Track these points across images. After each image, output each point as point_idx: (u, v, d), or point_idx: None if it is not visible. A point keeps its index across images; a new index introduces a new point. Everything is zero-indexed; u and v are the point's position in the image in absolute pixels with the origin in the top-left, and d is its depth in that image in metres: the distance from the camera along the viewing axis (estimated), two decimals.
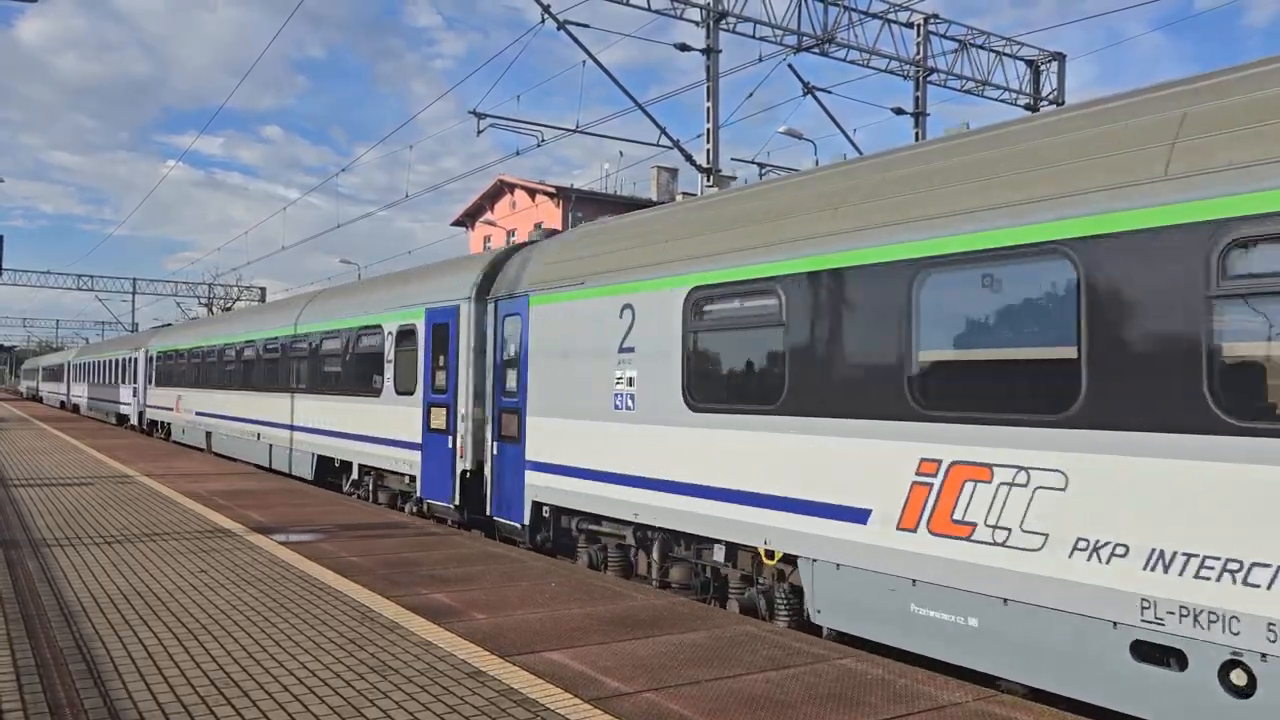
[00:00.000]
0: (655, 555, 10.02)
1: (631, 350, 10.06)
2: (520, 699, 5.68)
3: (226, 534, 11.68)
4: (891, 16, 24.39)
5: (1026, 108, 26.94)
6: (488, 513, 12.81)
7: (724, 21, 21.14)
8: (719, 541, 9.07)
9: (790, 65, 21.80)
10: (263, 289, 68.81)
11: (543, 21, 18.93)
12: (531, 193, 54.46)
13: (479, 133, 20.95)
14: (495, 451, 12.61)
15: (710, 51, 20.64)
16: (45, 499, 14.66)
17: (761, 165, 25.62)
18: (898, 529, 7.06)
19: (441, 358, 13.77)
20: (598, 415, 10.51)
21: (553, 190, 53.01)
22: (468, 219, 60.74)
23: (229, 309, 59.30)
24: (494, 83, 54.30)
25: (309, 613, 7.77)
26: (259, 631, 7.15)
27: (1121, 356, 5.84)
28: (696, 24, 21.09)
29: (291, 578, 9.14)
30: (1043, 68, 27.20)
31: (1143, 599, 5.62)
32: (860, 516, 7.37)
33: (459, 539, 11.79)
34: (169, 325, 40.56)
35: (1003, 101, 27.06)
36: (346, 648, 6.75)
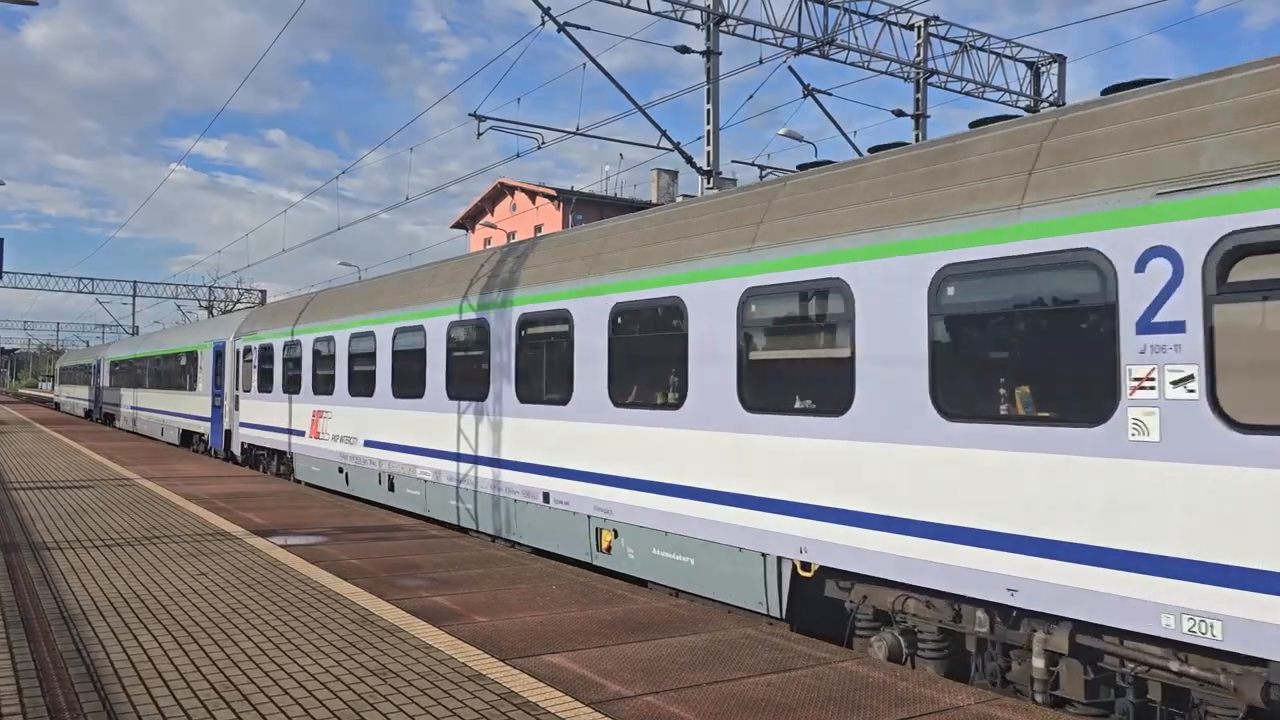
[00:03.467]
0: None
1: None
2: (520, 702, 5.67)
3: (226, 537, 11.66)
4: (892, 19, 24.38)
5: (1027, 109, 26.94)
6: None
7: (724, 24, 21.13)
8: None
9: (790, 67, 21.78)
10: (263, 291, 68.84)
11: (543, 24, 18.91)
12: (532, 195, 54.48)
13: (479, 135, 20.93)
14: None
15: (710, 54, 20.63)
16: (45, 502, 14.64)
17: (762, 168, 25.60)
18: None
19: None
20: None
21: (553, 193, 53.02)
22: (468, 221, 60.73)
23: (228, 311, 58.85)
24: (494, 86, 54.31)
25: (309, 616, 7.76)
26: (259, 635, 7.14)
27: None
28: (697, 26, 21.09)
29: (291, 581, 9.13)
30: (1043, 70, 27.20)
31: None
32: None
33: (459, 541, 11.78)
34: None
35: (1003, 103, 27.06)
36: (346, 651, 6.74)
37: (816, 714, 5.58)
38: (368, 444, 16.45)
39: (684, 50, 21.08)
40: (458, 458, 13.44)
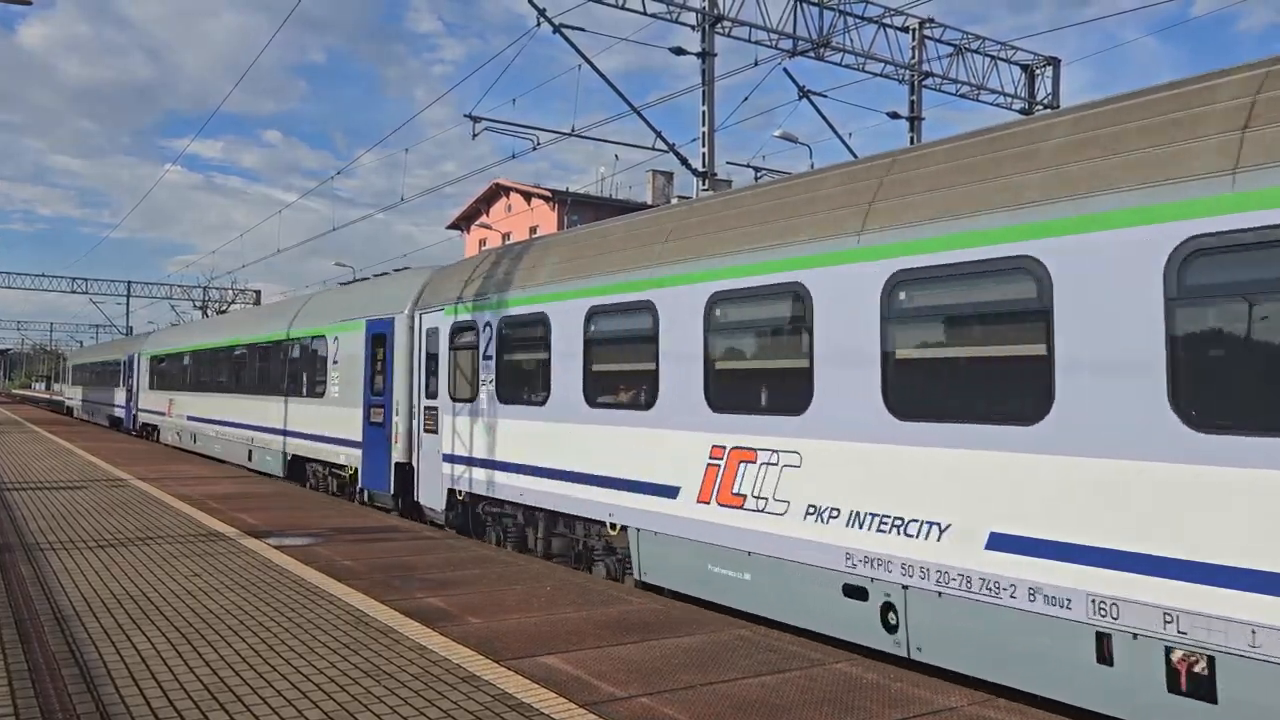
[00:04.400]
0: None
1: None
2: (514, 703, 5.67)
3: (220, 538, 11.65)
4: (887, 21, 24.43)
5: (1021, 112, 27.00)
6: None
7: (719, 25, 21.16)
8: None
9: (785, 69, 21.82)
10: (257, 292, 68.77)
11: (538, 25, 18.92)
12: (527, 196, 54.49)
13: (474, 136, 20.94)
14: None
15: (705, 55, 20.65)
16: (38, 503, 14.62)
17: (757, 169, 25.63)
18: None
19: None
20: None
21: (548, 194, 53.03)
22: (463, 222, 60.73)
23: (223, 312, 58.52)
24: (489, 86, 54.20)
25: (303, 617, 7.75)
26: (252, 636, 7.13)
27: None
28: (692, 28, 21.11)
29: (285, 582, 9.12)
30: (1038, 72, 27.27)
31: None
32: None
33: (454, 543, 11.77)
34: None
35: (998, 106, 27.13)
36: (340, 652, 6.73)
37: (810, 715, 5.59)
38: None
39: (679, 52, 21.10)
40: None
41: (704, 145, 20.39)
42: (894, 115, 25.05)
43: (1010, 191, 6.70)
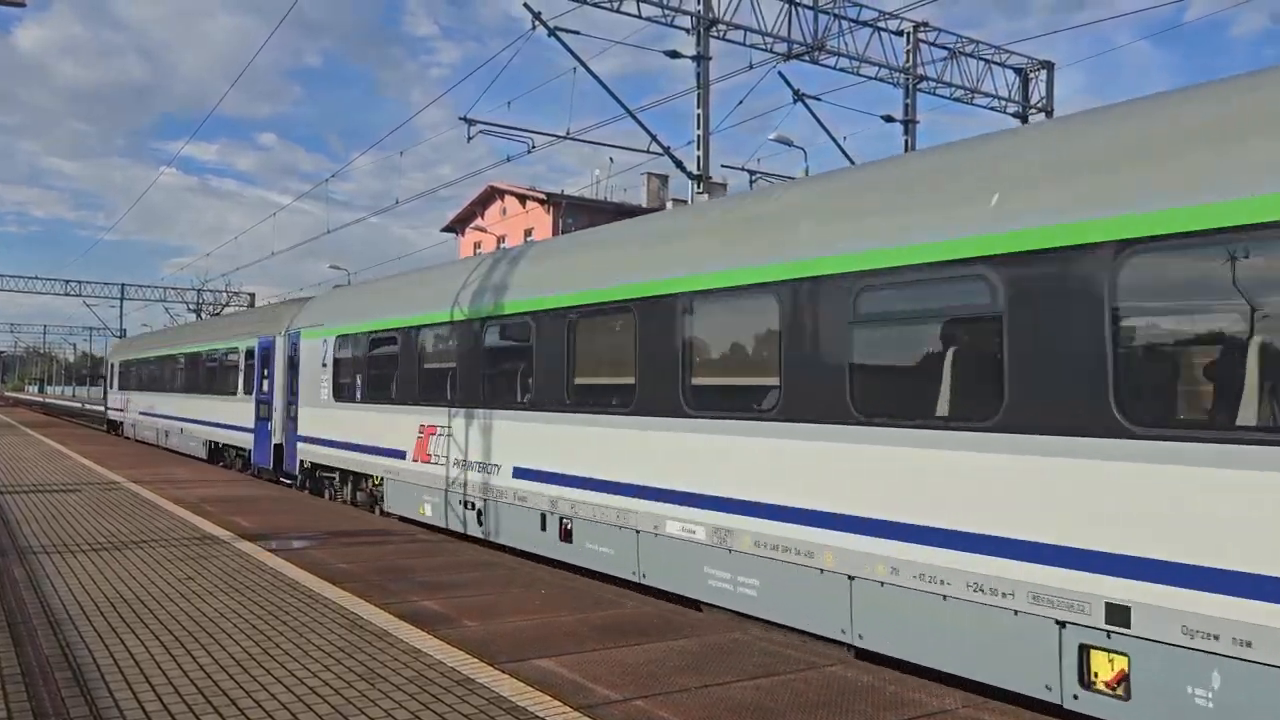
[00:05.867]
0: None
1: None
2: (509, 707, 5.66)
3: (214, 540, 11.62)
4: (881, 24, 24.49)
5: (1016, 116, 27.07)
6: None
7: (714, 29, 21.19)
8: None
9: (780, 73, 21.86)
10: (251, 294, 68.62)
11: (533, 28, 18.94)
12: (522, 199, 54.46)
13: (469, 139, 20.95)
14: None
15: (700, 59, 20.68)
16: (31, 505, 14.57)
17: (752, 172, 25.65)
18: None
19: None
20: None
21: (543, 196, 53.01)
22: (458, 225, 60.67)
23: (217, 314, 58.33)
24: (485, 89, 54.31)
25: (297, 620, 7.74)
26: (246, 639, 7.12)
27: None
28: (687, 31, 21.14)
29: (280, 585, 9.10)
30: (1032, 76, 27.34)
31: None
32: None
33: (450, 545, 11.76)
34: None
35: (992, 110, 27.20)
36: (335, 655, 6.72)
37: (804, 717, 5.59)
38: None
39: (674, 55, 21.13)
40: None
41: (699, 148, 20.41)
42: (889, 119, 25.11)
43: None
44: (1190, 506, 5.28)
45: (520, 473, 11.54)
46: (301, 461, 18.57)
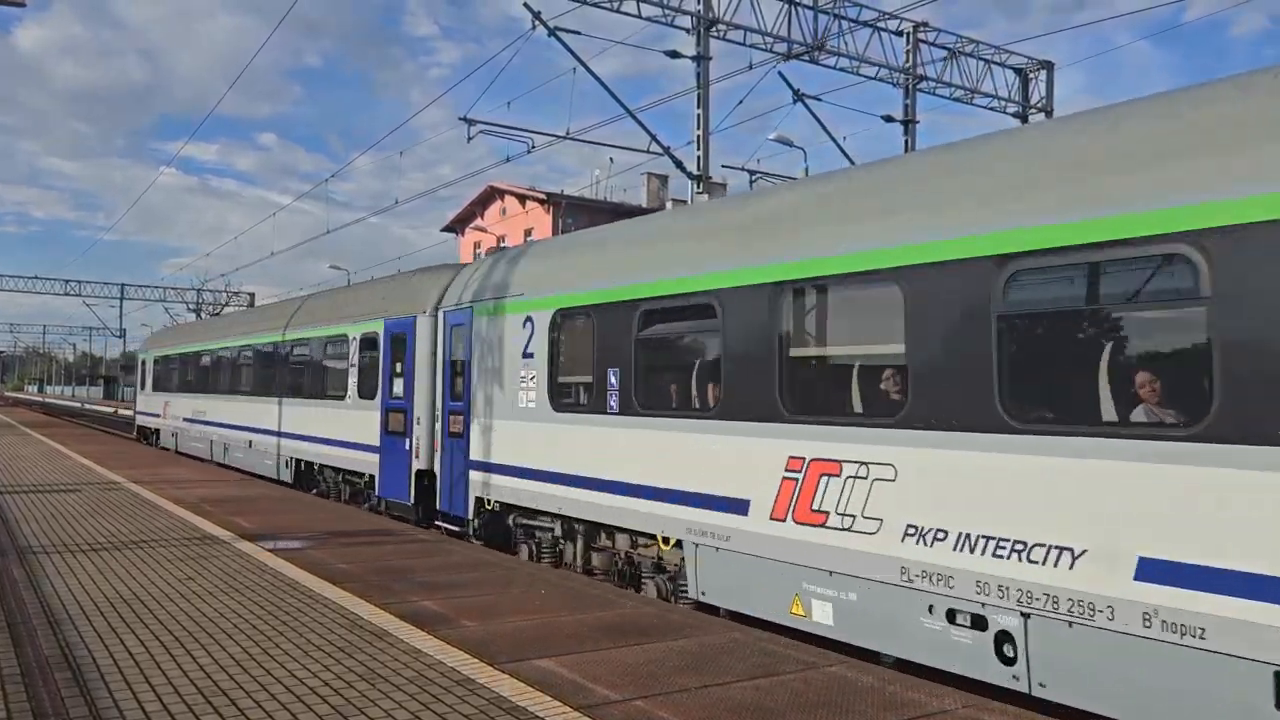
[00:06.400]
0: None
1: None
2: (509, 707, 5.66)
3: (214, 540, 11.62)
4: (881, 25, 24.50)
5: (1015, 116, 27.08)
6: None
7: (714, 29, 21.20)
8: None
9: (780, 73, 21.88)
10: (251, 294, 68.63)
11: (533, 28, 18.95)
12: (522, 199, 54.46)
13: (469, 139, 20.97)
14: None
15: (700, 59, 20.69)
16: (31, 505, 14.57)
17: (752, 172, 25.66)
18: None
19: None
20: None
21: (543, 196, 53.02)
22: (458, 225, 60.68)
23: (217, 314, 58.19)
24: (485, 89, 54.34)
25: (297, 620, 7.74)
26: (246, 639, 7.12)
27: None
28: (687, 31, 21.15)
29: (280, 585, 9.10)
30: (1032, 76, 27.34)
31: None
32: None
33: (449, 546, 11.76)
34: None
35: (992, 110, 27.20)
36: (335, 655, 6.72)
37: (804, 718, 5.59)
38: None
39: (674, 55, 21.14)
40: None
41: (699, 148, 20.42)
42: (889, 119, 25.12)
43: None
44: None
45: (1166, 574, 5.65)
46: (480, 500, 12.90)
